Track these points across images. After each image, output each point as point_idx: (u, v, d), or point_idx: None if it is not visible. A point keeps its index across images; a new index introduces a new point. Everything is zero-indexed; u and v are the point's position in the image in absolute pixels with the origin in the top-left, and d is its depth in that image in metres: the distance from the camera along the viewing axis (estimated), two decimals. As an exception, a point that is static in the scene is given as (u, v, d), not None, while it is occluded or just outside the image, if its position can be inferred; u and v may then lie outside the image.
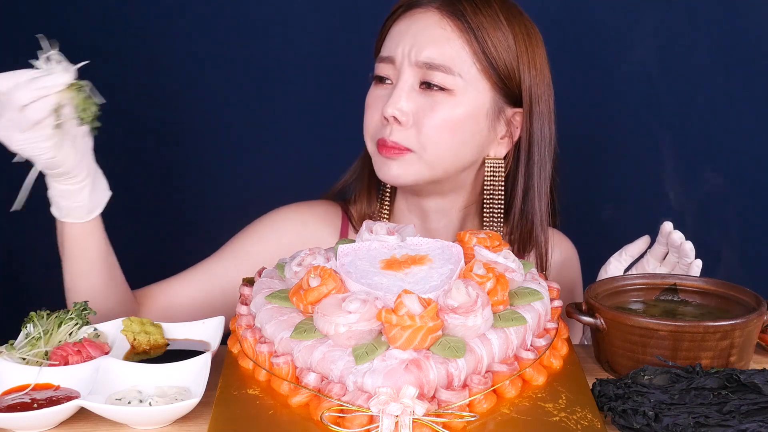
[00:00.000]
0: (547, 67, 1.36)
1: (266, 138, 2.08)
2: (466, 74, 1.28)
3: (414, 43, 1.29)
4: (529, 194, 1.36)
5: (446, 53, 1.28)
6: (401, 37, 1.30)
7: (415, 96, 1.29)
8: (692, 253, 1.28)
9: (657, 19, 1.98)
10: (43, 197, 1.21)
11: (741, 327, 1.06)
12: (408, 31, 1.30)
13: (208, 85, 2.05)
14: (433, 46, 1.28)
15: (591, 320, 1.10)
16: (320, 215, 1.44)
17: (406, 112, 1.28)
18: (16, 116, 1.06)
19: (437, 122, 1.28)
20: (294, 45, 2.02)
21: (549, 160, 1.37)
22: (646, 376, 1.01)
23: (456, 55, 1.28)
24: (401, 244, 1.11)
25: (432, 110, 1.28)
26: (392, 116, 1.28)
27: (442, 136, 1.28)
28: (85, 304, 1.15)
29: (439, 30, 1.28)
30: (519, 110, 1.35)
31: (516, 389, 0.96)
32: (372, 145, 1.33)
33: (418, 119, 1.28)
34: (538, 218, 1.36)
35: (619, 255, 1.34)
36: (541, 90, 1.34)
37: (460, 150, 1.31)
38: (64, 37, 1.95)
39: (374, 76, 1.35)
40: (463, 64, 1.28)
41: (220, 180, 2.09)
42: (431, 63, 1.27)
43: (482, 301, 0.96)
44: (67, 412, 0.95)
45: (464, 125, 1.30)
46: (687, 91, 2.01)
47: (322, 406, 0.90)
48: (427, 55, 1.27)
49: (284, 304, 1.03)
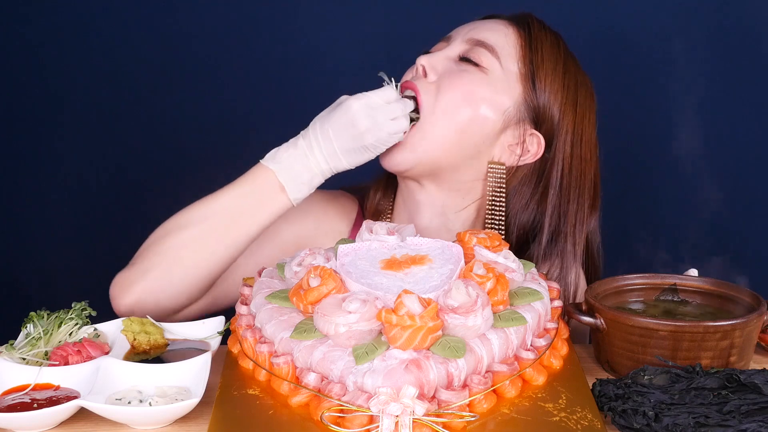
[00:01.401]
0: (590, 125, 1.35)
1: (262, 140, 2.07)
2: (506, 66, 1.30)
3: (473, 27, 1.34)
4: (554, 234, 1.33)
5: (498, 39, 1.31)
6: (464, 25, 1.36)
7: (450, 62, 1.31)
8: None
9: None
10: (43, 198, 1.21)
11: (741, 327, 1.06)
12: (472, 23, 1.36)
13: (210, 82, 2.05)
14: (489, 32, 1.32)
15: (591, 320, 1.10)
16: (339, 207, 1.45)
17: (435, 68, 1.30)
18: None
19: (456, 86, 1.28)
20: (301, 43, 2.03)
21: (582, 205, 1.34)
22: (646, 376, 1.01)
23: (506, 44, 1.31)
24: (401, 244, 1.11)
25: (458, 76, 1.29)
26: (422, 65, 1.30)
27: (455, 102, 1.28)
28: (86, 304, 1.15)
29: (502, 27, 1.33)
30: (538, 134, 1.33)
31: (516, 389, 0.96)
32: None
33: (442, 80, 1.29)
34: (567, 260, 1.33)
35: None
36: (570, 138, 1.32)
37: (466, 128, 1.28)
38: (64, 38, 1.95)
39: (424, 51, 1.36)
40: (508, 56, 1.30)
41: (215, 184, 2.09)
42: (481, 41, 1.30)
43: (482, 301, 0.96)
44: (67, 412, 0.95)
45: (479, 104, 1.28)
46: (687, 91, 2.01)
47: (322, 406, 0.90)
48: (480, 35, 1.31)
49: (284, 304, 1.03)
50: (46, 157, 2.05)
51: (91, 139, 2.05)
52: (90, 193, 2.07)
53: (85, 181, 2.06)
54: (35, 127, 2.06)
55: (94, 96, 2.03)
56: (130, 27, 2.02)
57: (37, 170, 2.06)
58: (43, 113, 2.05)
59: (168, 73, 2.03)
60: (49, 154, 2.05)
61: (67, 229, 2.04)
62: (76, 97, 2.04)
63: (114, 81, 2.03)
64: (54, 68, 2.03)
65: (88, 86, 2.03)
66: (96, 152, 2.06)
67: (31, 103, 2.05)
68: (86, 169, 2.06)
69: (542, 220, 1.34)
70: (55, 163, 2.05)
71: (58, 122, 2.05)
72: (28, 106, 2.05)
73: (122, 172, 2.07)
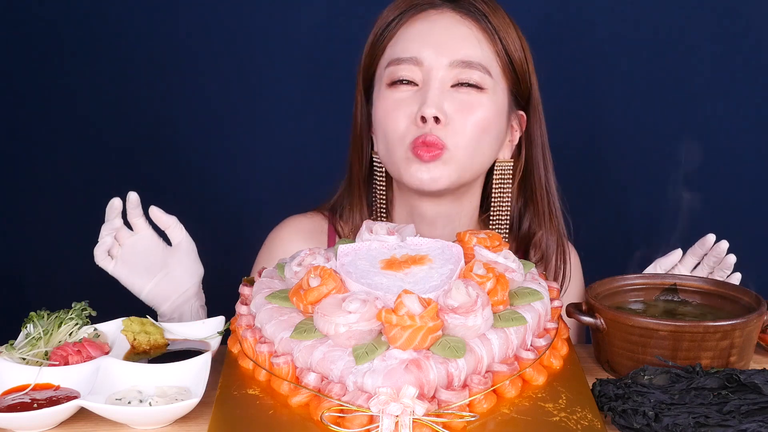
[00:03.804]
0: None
1: (261, 140, 2.08)
2: (493, 71, 1.29)
3: (443, 42, 1.27)
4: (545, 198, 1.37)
5: (482, 52, 1.28)
6: (424, 38, 1.28)
7: (449, 95, 1.27)
8: (733, 265, 1.29)
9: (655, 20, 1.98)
10: (43, 198, 1.21)
11: (741, 327, 1.06)
12: (431, 32, 1.28)
13: (214, 83, 2.05)
14: (468, 45, 1.27)
15: (591, 320, 1.10)
16: (309, 232, 1.44)
17: (445, 111, 1.26)
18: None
19: (474, 120, 1.27)
20: (288, 46, 2.03)
21: (551, 162, 1.38)
22: (646, 376, 1.01)
23: (486, 54, 1.28)
24: (401, 244, 1.11)
25: (469, 109, 1.27)
26: (433, 116, 1.25)
27: (476, 135, 1.28)
28: (86, 304, 1.15)
29: (466, 29, 1.28)
30: (521, 113, 1.35)
31: (516, 389, 0.96)
32: (402, 150, 1.28)
33: (454, 119, 1.26)
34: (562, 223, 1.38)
35: (653, 268, 1.33)
36: (538, 93, 1.35)
37: (486, 150, 1.31)
38: (63, 38, 1.95)
39: (389, 81, 1.29)
40: (491, 63, 1.29)
41: (215, 184, 2.10)
42: (470, 62, 1.26)
43: (482, 301, 0.96)
44: (67, 412, 0.95)
45: (493, 125, 1.30)
46: (686, 91, 2.01)
47: (322, 406, 0.90)
48: (465, 54, 1.27)
49: (284, 304, 1.03)
50: (47, 157, 2.05)
51: (91, 139, 2.05)
52: (90, 193, 2.07)
53: (85, 181, 2.06)
54: (36, 126, 2.06)
55: (96, 96, 2.04)
56: (130, 27, 2.02)
57: (38, 170, 2.06)
58: (43, 113, 2.05)
59: (171, 74, 2.03)
60: (49, 153, 2.05)
61: (68, 229, 2.03)
62: (78, 97, 2.04)
63: (117, 81, 2.03)
64: (56, 68, 2.03)
65: (90, 86, 2.03)
66: (96, 152, 2.06)
67: (32, 103, 2.05)
68: (87, 169, 2.06)
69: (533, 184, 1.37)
70: (56, 163, 2.05)
71: (59, 122, 2.05)
72: (29, 106, 2.05)
73: (123, 172, 2.07)
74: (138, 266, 1.27)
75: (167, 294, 1.28)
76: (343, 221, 1.41)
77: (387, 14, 1.32)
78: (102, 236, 1.25)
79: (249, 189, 2.09)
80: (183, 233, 1.29)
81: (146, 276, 1.27)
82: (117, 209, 1.23)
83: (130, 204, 1.24)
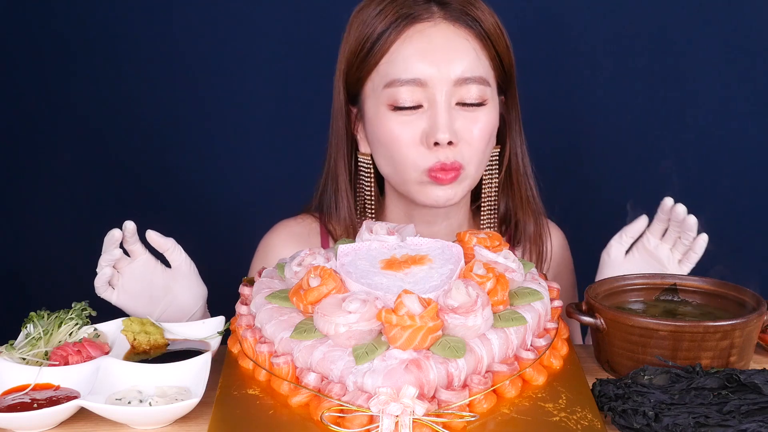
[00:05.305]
0: None
1: (252, 142, 2.08)
2: (490, 80, 1.29)
3: (443, 59, 1.23)
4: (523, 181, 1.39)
5: (480, 63, 1.26)
6: (423, 56, 1.23)
7: (455, 113, 1.25)
8: (695, 227, 1.26)
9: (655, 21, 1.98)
10: (43, 198, 1.21)
11: (741, 327, 1.06)
12: (429, 49, 1.24)
13: (214, 82, 2.05)
14: (467, 58, 1.25)
15: (591, 320, 1.10)
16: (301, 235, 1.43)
17: (455, 132, 1.24)
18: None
19: (480, 134, 1.27)
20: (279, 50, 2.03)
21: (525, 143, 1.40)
22: (646, 376, 1.01)
23: (484, 63, 1.27)
24: (401, 244, 1.11)
25: (475, 123, 1.26)
26: (448, 141, 1.23)
27: (483, 146, 1.28)
28: (86, 304, 1.15)
29: (463, 41, 1.25)
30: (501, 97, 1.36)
31: (516, 389, 0.96)
32: (416, 174, 1.27)
33: (463, 137, 1.26)
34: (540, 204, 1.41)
35: (619, 237, 1.32)
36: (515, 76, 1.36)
37: (488, 153, 1.33)
38: (62, 38, 1.95)
39: (391, 104, 1.25)
40: (488, 71, 1.28)
41: (214, 183, 2.10)
42: (470, 77, 1.24)
43: (482, 301, 0.96)
44: (67, 412, 0.95)
45: (494, 129, 1.31)
46: (686, 91, 2.01)
47: (322, 406, 0.90)
48: (466, 70, 1.24)
49: (284, 304, 1.03)
50: (47, 157, 2.06)
51: (92, 138, 2.06)
52: (91, 192, 2.07)
53: (85, 181, 2.06)
54: (36, 126, 2.06)
55: (96, 95, 2.04)
56: (129, 26, 2.02)
57: (38, 170, 2.06)
58: (44, 113, 2.05)
59: (171, 73, 2.03)
60: (50, 153, 2.05)
61: (68, 228, 2.04)
62: (78, 97, 2.04)
63: (116, 80, 2.03)
64: (56, 68, 2.03)
65: (90, 85, 2.03)
66: (97, 152, 2.06)
67: (32, 103, 2.05)
68: (87, 169, 2.06)
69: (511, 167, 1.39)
70: (56, 163, 2.05)
71: (60, 122, 2.05)
72: (29, 106, 2.05)
73: (124, 171, 2.07)
74: (141, 294, 1.24)
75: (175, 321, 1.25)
76: (333, 221, 1.39)
77: (373, 22, 1.26)
78: (101, 267, 1.21)
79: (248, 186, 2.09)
80: (182, 255, 1.25)
81: (150, 304, 1.24)
82: (117, 241, 1.20)
83: (127, 233, 1.20)
